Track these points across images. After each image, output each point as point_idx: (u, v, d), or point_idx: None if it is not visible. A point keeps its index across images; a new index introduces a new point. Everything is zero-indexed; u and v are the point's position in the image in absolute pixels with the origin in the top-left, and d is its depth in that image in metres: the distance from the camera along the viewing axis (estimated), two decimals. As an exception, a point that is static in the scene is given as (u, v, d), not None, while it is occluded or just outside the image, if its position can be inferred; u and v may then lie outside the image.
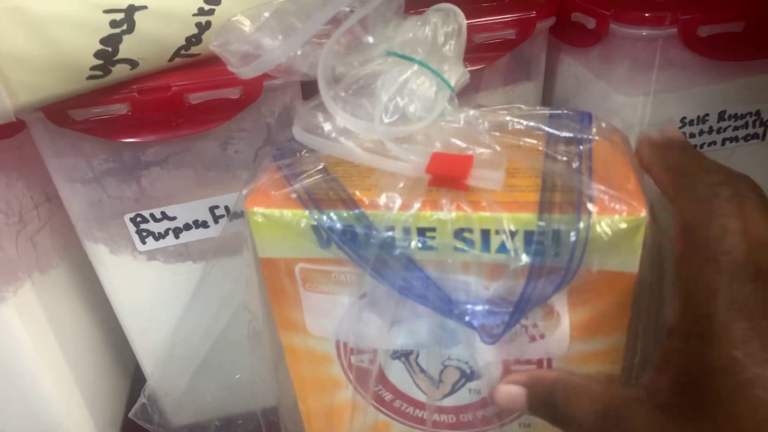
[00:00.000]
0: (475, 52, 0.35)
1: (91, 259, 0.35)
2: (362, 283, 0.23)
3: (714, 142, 0.37)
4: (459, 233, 0.21)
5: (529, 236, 0.21)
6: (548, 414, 0.23)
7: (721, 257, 0.19)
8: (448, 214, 0.21)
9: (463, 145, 0.23)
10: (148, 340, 0.39)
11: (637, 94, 0.35)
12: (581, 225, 0.20)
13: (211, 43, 0.23)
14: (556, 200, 0.21)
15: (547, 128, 0.24)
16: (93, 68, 0.27)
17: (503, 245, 0.21)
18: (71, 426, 0.38)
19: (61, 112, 0.29)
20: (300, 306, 0.25)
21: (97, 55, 0.26)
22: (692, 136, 0.36)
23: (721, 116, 0.36)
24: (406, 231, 0.22)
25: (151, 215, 0.33)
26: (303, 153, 0.25)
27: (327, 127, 0.23)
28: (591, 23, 0.35)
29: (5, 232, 0.32)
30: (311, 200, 0.22)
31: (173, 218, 0.34)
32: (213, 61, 0.30)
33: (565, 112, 0.25)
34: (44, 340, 0.35)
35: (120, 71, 0.28)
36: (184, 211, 0.34)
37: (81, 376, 0.38)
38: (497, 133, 0.24)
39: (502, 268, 0.21)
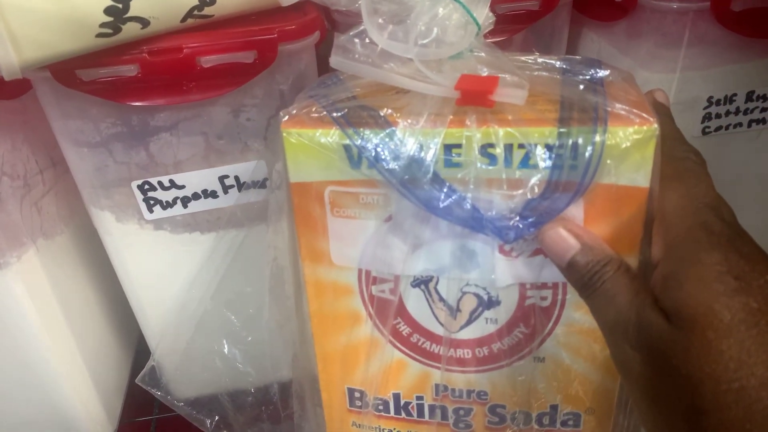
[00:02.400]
0: (498, 23, 0.34)
1: (96, 227, 0.35)
2: (389, 204, 0.24)
3: (740, 124, 0.36)
4: (483, 149, 0.23)
5: (548, 149, 0.22)
6: (579, 284, 0.23)
7: (697, 199, 0.21)
8: (474, 129, 0.22)
9: (488, 71, 0.24)
10: (153, 311, 0.38)
11: (663, 71, 0.34)
12: (597, 135, 0.22)
13: None
14: (574, 116, 0.22)
15: (562, 66, 0.26)
16: (102, 25, 0.25)
17: (525, 159, 0.22)
18: (74, 394, 0.37)
19: (68, 72, 0.28)
20: (326, 234, 0.26)
21: (108, 11, 0.25)
22: (718, 116, 0.35)
23: (749, 97, 0.35)
24: (433, 146, 0.23)
25: (159, 183, 0.33)
26: (333, 85, 0.26)
27: (362, 53, 0.24)
28: (618, -4, 0.34)
29: (9, 195, 0.31)
30: (344, 120, 0.23)
31: (182, 187, 0.33)
32: (227, 23, 0.29)
33: (576, 57, 0.27)
34: (47, 308, 0.35)
35: (130, 30, 0.26)
36: (193, 180, 0.33)
37: (84, 345, 0.38)
38: (516, 65, 0.25)
39: (523, 181, 0.23)
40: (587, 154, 0.22)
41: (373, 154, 0.23)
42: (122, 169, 0.32)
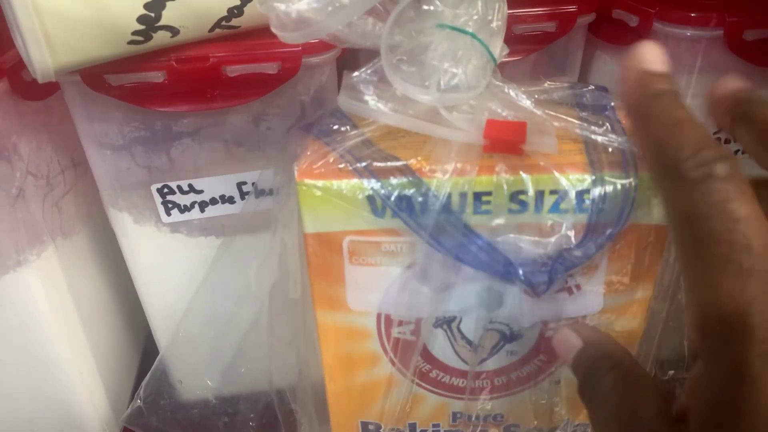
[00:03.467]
0: (514, 43, 0.35)
1: (114, 228, 0.35)
2: (413, 252, 0.24)
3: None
4: (514, 195, 0.23)
5: (580, 194, 0.22)
6: (579, 382, 0.22)
7: (737, 256, 0.15)
8: (505, 177, 0.22)
9: (507, 113, 0.23)
10: (165, 313, 0.39)
11: (675, 96, 0.35)
12: (630, 181, 0.22)
13: (258, 3, 0.23)
14: (603, 160, 0.23)
15: (573, 98, 0.26)
16: (134, 33, 0.26)
17: (555, 205, 0.23)
18: (83, 393, 0.38)
19: (97, 76, 0.28)
20: (343, 281, 0.25)
21: (140, 20, 0.26)
22: (727, 141, 0.36)
23: (759, 124, 0.36)
24: (463, 196, 0.23)
25: (179, 187, 0.33)
26: (343, 128, 0.25)
27: (374, 96, 0.24)
28: (633, 21, 0.35)
29: (33, 194, 0.32)
30: (366, 170, 0.23)
31: (200, 191, 0.34)
32: (253, 34, 0.30)
33: (582, 84, 0.27)
34: (63, 306, 0.35)
35: (160, 38, 0.27)
36: (211, 185, 0.34)
37: (95, 344, 0.38)
38: (532, 103, 0.25)
39: (554, 227, 0.23)
40: (621, 200, 0.22)
41: (399, 204, 0.22)
42: (143, 172, 0.33)
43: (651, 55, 0.20)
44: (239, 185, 0.34)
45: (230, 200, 0.35)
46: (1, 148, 0.29)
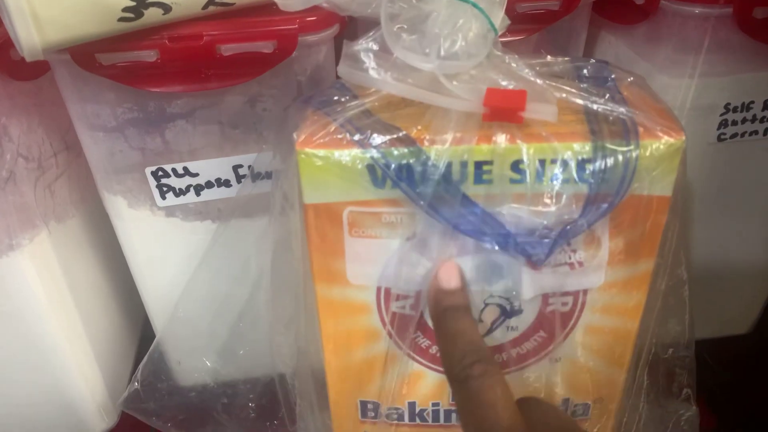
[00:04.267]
0: (517, 22, 0.34)
1: (108, 212, 0.35)
2: (413, 223, 0.24)
3: (756, 132, 0.36)
4: (515, 165, 0.22)
5: (581, 164, 0.22)
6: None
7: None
8: (505, 145, 0.22)
9: (508, 82, 0.23)
10: (161, 297, 0.38)
11: (681, 76, 0.34)
12: (631, 149, 0.22)
13: None
14: (604, 129, 0.22)
15: (574, 71, 0.26)
16: (125, 9, 0.25)
17: (556, 174, 0.22)
18: (80, 378, 0.37)
19: (88, 55, 0.28)
20: (342, 254, 0.25)
21: (130, -5, 0.25)
22: (734, 123, 0.35)
23: (767, 105, 0.35)
24: (463, 165, 0.22)
25: (173, 170, 0.33)
26: (343, 98, 0.25)
27: (375, 65, 0.24)
28: (639, -1, 0.34)
29: (24, 177, 0.31)
30: (366, 140, 0.22)
31: (195, 174, 0.33)
32: (247, 12, 0.29)
33: (586, 59, 0.27)
34: (57, 290, 0.35)
35: (152, 15, 0.26)
36: (207, 168, 0.33)
37: (91, 329, 0.38)
38: (533, 73, 0.25)
39: (555, 196, 0.23)
40: (622, 169, 0.22)
41: (399, 174, 0.22)
42: (137, 154, 0.32)
43: (447, 275, 0.24)
44: (235, 168, 0.33)
45: (226, 183, 0.34)
46: (-11, 129, 0.28)
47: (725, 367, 0.46)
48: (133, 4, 0.25)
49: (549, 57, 0.26)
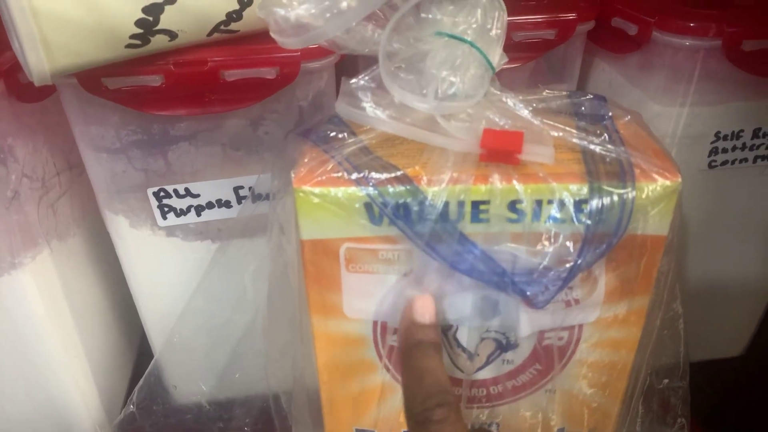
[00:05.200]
0: (513, 50, 0.35)
1: (109, 231, 0.35)
2: (409, 260, 0.24)
3: (745, 159, 0.37)
4: (512, 205, 0.23)
5: (578, 204, 0.22)
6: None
7: None
8: (502, 185, 0.22)
9: (505, 122, 0.24)
10: (160, 316, 0.38)
11: (673, 105, 0.35)
12: (627, 191, 0.22)
13: (258, 8, 0.23)
14: (600, 170, 0.23)
15: (571, 107, 0.26)
16: (132, 36, 0.26)
17: (553, 215, 0.23)
18: (77, 396, 0.37)
19: (94, 79, 0.28)
20: (339, 288, 0.25)
21: (138, 23, 0.26)
22: (725, 150, 0.36)
23: (756, 133, 0.36)
24: (460, 204, 0.22)
25: (175, 191, 0.33)
26: (341, 135, 0.25)
27: (372, 103, 0.24)
28: (632, 29, 0.35)
29: (28, 196, 0.31)
30: (364, 178, 0.23)
31: (197, 195, 0.33)
32: (251, 39, 0.30)
33: (580, 93, 0.27)
34: (57, 309, 0.35)
35: (158, 42, 0.27)
36: (208, 189, 0.33)
37: (89, 347, 0.38)
38: (530, 112, 0.25)
39: (551, 237, 0.23)
40: (618, 210, 0.22)
41: (396, 212, 0.22)
42: (139, 175, 0.32)
43: (422, 308, 0.24)
44: (236, 189, 0.34)
45: (227, 204, 0.34)
46: (-4, 150, 0.29)
47: (718, 390, 0.46)
48: (141, 31, 0.26)
49: (546, 92, 0.26)
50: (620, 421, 0.29)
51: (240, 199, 0.34)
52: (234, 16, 0.28)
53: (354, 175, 0.23)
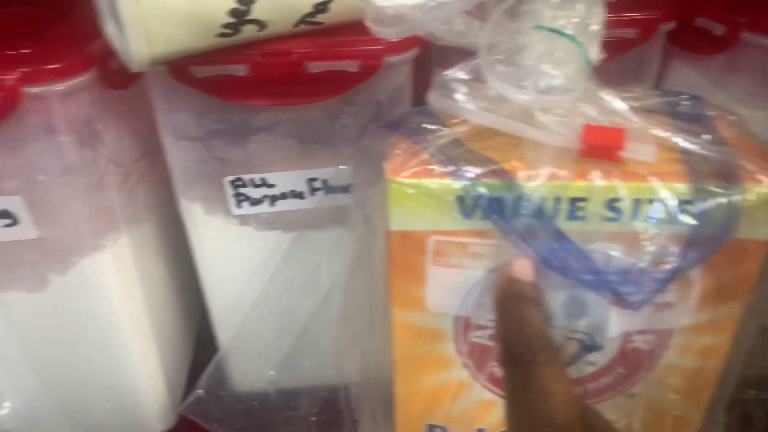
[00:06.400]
0: (593, 48, 0.34)
1: (183, 217, 0.36)
2: (498, 254, 0.24)
3: (834, 167, 0.35)
4: (610, 203, 0.22)
5: (681, 205, 0.22)
6: None
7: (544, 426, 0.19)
8: (602, 182, 0.22)
9: (603, 118, 0.23)
10: (226, 303, 0.39)
11: (759, 108, 0.34)
12: (734, 193, 0.22)
13: None
14: (703, 170, 0.22)
15: (666, 106, 0.26)
16: (224, 26, 0.27)
17: (653, 214, 0.22)
18: (145, 378, 0.38)
19: (182, 68, 0.29)
20: (423, 281, 0.25)
21: (231, 13, 0.26)
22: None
23: None
24: (557, 201, 0.22)
25: (251, 180, 0.34)
26: (432, 127, 0.25)
27: (466, 95, 0.24)
28: (719, 30, 0.34)
29: (112, 181, 0.32)
30: (459, 170, 0.23)
31: (272, 186, 0.34)
32: (332, 31, 0.30)
33: (674, 92, 0.27)
34: (131, 292, 0.36)
35: (248, 32, 0.27)
36: (283, 180, 0.34)
37: (157, 332, 0.39)
38: (629, 109, 0.24)
39: (650, 237, 0.22)
40: (724, 212, 0.21)
41: (491, 206, 0.22)
42: (218, 164, 0.33)
43: (523, 268, 0.23)
44: (309, 181, 0.34)
45: (300, 195, 0.35)
46: (88, 134, 0.30)
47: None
48: (233, 20, 0.27)
49: (639, 90, 0.26)
50: (702, 429, 0.28)
51: (313, 191, 0.35)
52: (321, 7, 0.28)
53: (449, 167, 0.23)
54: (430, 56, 0.35)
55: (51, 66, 0.27)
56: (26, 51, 0.28)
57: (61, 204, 0.30)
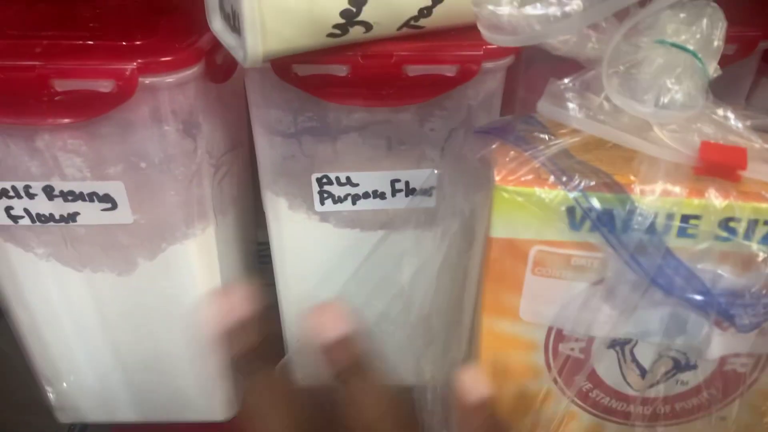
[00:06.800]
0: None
1: (266, 211, 0.36)
2: (602, 269, 0.23)
3: None
4: (724, 222, 0.22)
5: None
6: None
7: None
8: (719, 201, 0.22)
9: (720, 135, 0.23)
10: (298, 299, 0.40)
11: None
12: None
13: (473, 3, 0.23)
14: None
15: None
16: (335, 26, 0.27)
17: (767, 236, 0.22)
18: (213, 365, 0.38)
19: (285, 66, 0.29)
20: (519, 290, 0.25)
21: (342, 13, 0.27)
22: None
23: None
24: (669, 217, 0.22)
25: (337, 178, 0.34)
26: (541, 136, 0.25)
27: (579, 105, 0.24)
28: (820, 50, 0.33)
29: (206, 172, 0.33)
30: (571, 181, 0.22)
31: (356, 185, 0.34)
32: (433, 36, 0.30)
33: None
34: (212, 280, 0.37)
35: (355, 33, 0.28)
36: (367, 180, 0.34)
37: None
38: (745, 127, 0.24)
39: (763, 259, 0.22)
40: None
41: (601, 219, 0.22)
42: (307, 161, 0.34)
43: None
44: (393, 182, 0.35)
45: (381, 196, 0.35)
46: (190, 125, 0.31)
47: None
48: (343, 21, 0.27)
49: (752, 109, 0.25)
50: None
51: (395, 192, 0.35)
52: (425, 12, 0.29)
53: (562, 178, 0.23)
54: (520, 62, 0.35)
55: (164, 58, 0.28)
56: (140, 42, 0.29)
57: (158, 191, 0.31)
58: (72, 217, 0.32)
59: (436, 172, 0.32)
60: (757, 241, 0.22)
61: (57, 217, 0.32)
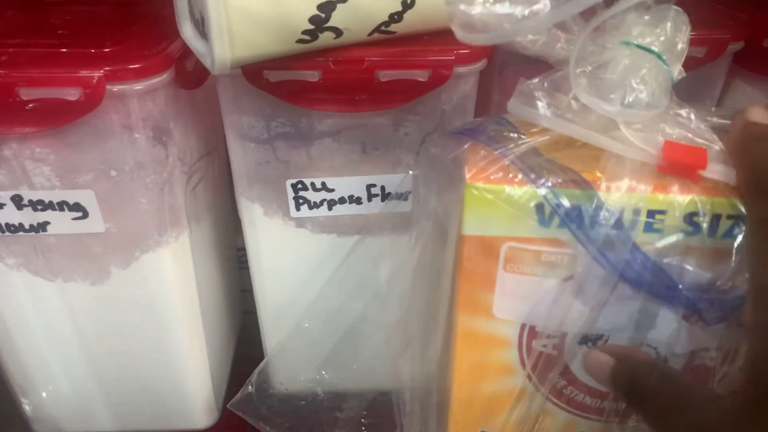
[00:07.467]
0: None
1: (242, 217, 0.36)
2: (572, 264, 0.24)
3: None
4: (689, 217, 0.22)
5: None
6: (625, 392, 0.23)
7: None
8: (682, 196, 0.22)
9: (681, 135, 0.23)
10: (275, 304, 0.39)
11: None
12: None
13: (446, 2, 0.23)
14: None
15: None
16: (304, 32, 0.27)
17: (730, 231, 0.22)
18: (194, 373, 0.39)
19: (256, 72, 0.29)
20: (492, 287, 0.25)
21: (312, 20, 0.27)
22: None
23: None
24: (636, 212, 0.22)
25: (312, 184, 0.34)
26: (511, 135, 0.25)
27: (548, 105, 0.24)
28: (789, 52, 0.33)
29: (179, 179, 0.33)
30: (539, 178, 0.23)
31: (331, 190, 0.34)
32: (405, 41, 0.30)
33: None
34: (187, 289, 0.36)
35: (325, 39, 0.28)
36: (342, 185, 0.34)
37: (207, 328, 0.40)
38: (707, 128, 0.25)
39: (724, 253, 0.22)
40: None
41: (569, 215, 0.23)
42: (281, 166, 0.33)
43: (758, 112, 0.23)
44: (368, 187, 0.35)
45: (357, 201, 0.35)
46: (161, 132, 0.30)
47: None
48: (312, 27, 0.27)
49: (714, 108, 0.26)
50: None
51: (371, 197, 0.35)
52: (395, 17, 0.29)
53: (530, 175, 0.23)
54: (493, 66, 0.35)
55: (133, 65, 0.28)
56: (108, 50, 0.29)
57: (130, 199, 0.31)
58: (42, 226, 0.32)
59: (411, 173, 0.32)
60: (721, 236, 0.22)
61: (27, 226, 0.32)
